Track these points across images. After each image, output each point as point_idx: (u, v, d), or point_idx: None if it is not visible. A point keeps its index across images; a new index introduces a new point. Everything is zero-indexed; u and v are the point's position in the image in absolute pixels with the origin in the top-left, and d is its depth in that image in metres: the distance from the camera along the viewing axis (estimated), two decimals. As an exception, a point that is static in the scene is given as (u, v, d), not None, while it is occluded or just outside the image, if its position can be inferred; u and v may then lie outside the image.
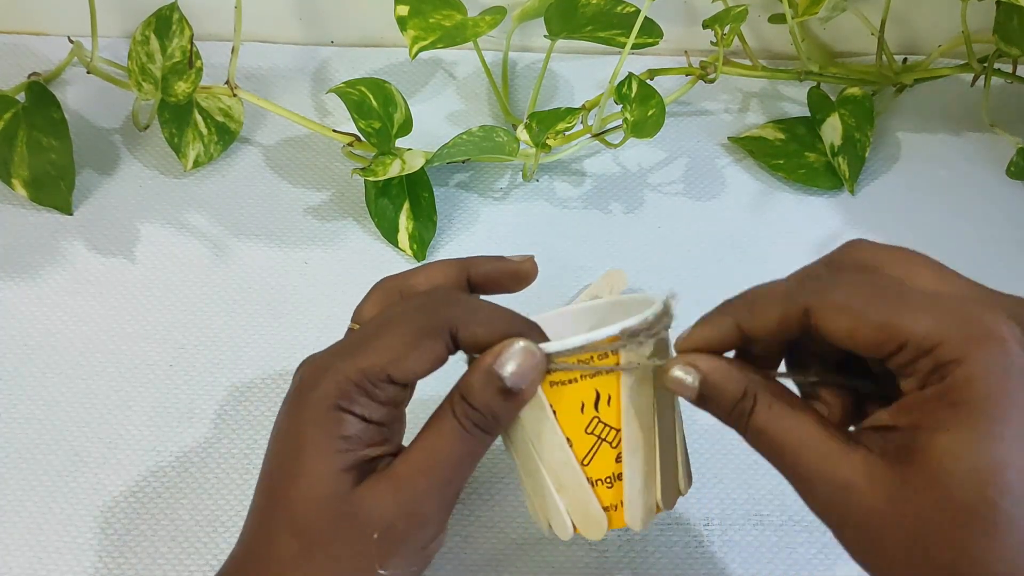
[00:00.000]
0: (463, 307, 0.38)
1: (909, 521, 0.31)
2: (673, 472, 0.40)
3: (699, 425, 0.48)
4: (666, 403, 0.39)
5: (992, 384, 0.31)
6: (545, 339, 0.38)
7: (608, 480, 0.38)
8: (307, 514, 0.36)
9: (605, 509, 0.38)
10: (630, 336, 0.37)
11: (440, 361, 0.37)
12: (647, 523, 0.39)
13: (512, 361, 0.36)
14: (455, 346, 0.37)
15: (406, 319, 0.38)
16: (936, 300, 0.33)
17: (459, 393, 0.37)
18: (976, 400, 0.31)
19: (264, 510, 0.38)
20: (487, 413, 0.37)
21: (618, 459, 0.38)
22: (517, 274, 0.42)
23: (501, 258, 0.42)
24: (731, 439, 0.50)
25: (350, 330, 0.41)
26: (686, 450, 0.41)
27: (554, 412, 0.38)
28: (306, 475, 0.36)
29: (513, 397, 0.37)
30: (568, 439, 0.38)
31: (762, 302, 0.36)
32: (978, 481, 0.31)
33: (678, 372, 0.36)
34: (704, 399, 0.36)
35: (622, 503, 0.38)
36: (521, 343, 0.36)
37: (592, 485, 0.38)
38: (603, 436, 0.38)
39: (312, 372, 0.38)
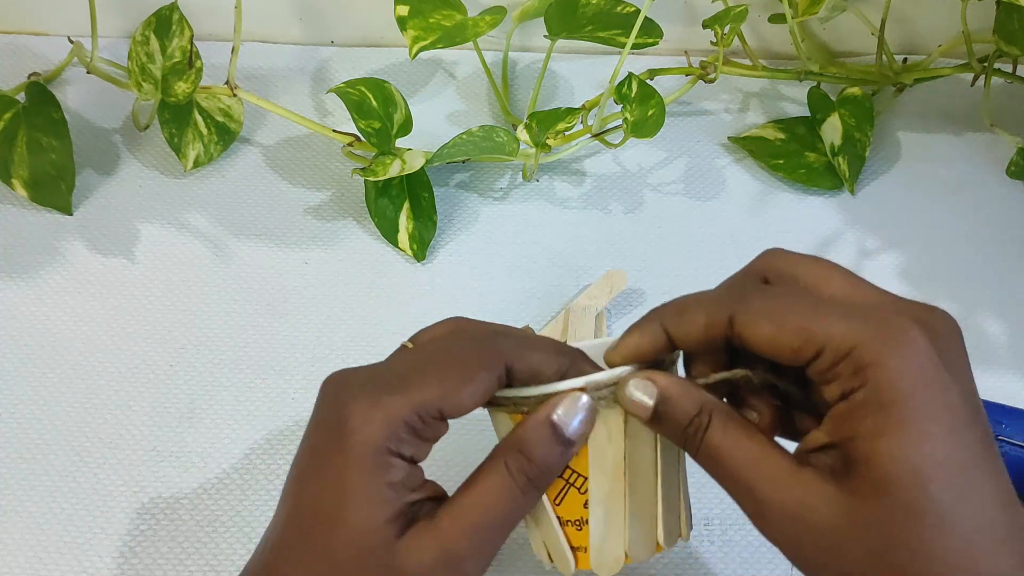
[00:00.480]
0: (514, 339, 0.38)
1: (863, 531, 0.32)
2: (651, 520, 0.38)
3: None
4: (646, 451, 0.38)
5: (912, 382, 0.32)
6: (594, 366, 0.38)
7: (576, 523, 0.38)
8: (349, 564, 0.35)
9: (574, 549, 0.38)
10: (595, 389, 0.36)
11: (491, 395, 0.37)
12: (613, 571, 0.38)
13: (579, 415, 0.36)
14: (508, 379, 0.37)
15: (459, 350, 0.37)
16: (850, 306, 0.34)
17: (515, 447, 0.36)
18: (901, 401, 0.31)
19: (300, 551, 0.36)
20: (544, 467, 0.36)
21: (585, 505, 0.38)
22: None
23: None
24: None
25: (403, 347, 0.40)
26: (686, 496, 0.40)
27: None
28: (350, 524, 0.35)
29: (569, 447, 0.36)
30: None
31: (691, 309, 0.36)
32: (920, 480, 0.31)
33: (635, 387, 0.36)
34: (659, 416, 0.36)
35: (587, 548, 0.38)
36: (578, 393, 0.36)
37: (562, 524, 0.38)
38: (571, 480, 0.38)
39: (359, 407, 0.36)
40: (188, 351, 0.55)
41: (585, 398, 0.36)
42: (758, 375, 0.36)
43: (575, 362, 0.38)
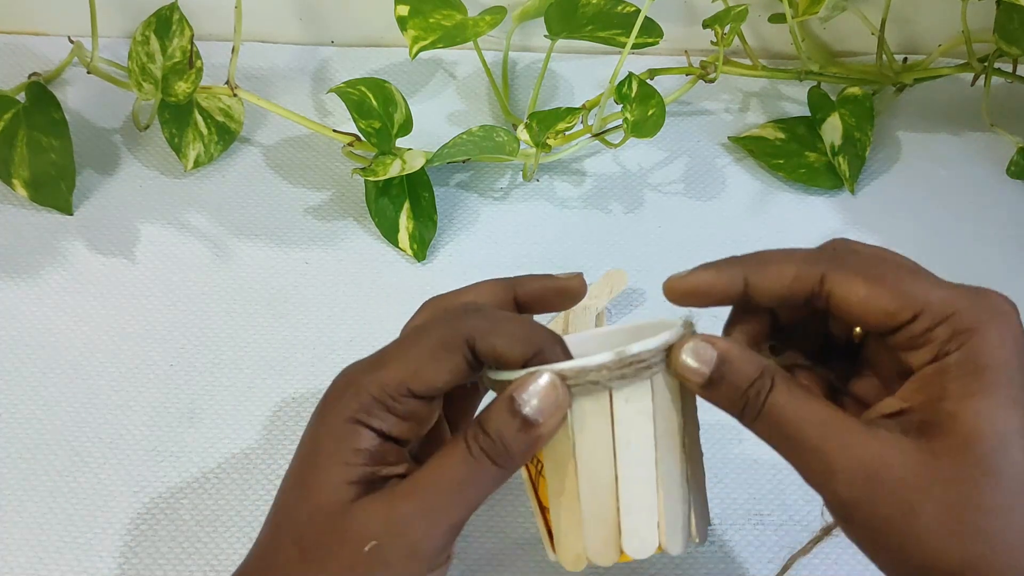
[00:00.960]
0: (484, 319, 0.37)
1: (941, 488, 0.32)
2: (609, 524, 0.37)
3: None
4: (600, 454, 0.36)
5: (1008, 352, 0.32)
6: (568, 355, 0.37)
7: (546, 510, 0.38)
8: (307, 523, 0.36)
9: (550, 535, 0.38)
10: (581, 374, 0.35)
11: (461, 374, 0.36)
12: (576, 567, 0.37)
13: (537, 395, 0.35)
14: (475, 359, 0.36)
15: (427, 331, 0.37)
16: (942, 280, 0.34)
17: (477, 420, 0.36)
18: (995, 367, 0.32)
19: (275, 515, 0.38)
20: (498, 440, 0.35)
21: (551, 493, 0.37)
22: (565, 292, 0.42)
23: (548, 276, 0.42)
24: (731, 439, 0.50)
25: None
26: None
27: None
28: (312, 484, 0.36)
29: (530, 429, 0.35)
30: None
31: (778, 261, 0.36)
32: (1004, 443, 0.31)
33: (692, 350, 0.35)
34: (717, 380, 0.35)
35: (553, 536, 0.38)
36: (547, 377, 0.35)
37: (541, 509, 0.38)
38: (539, 468, 0.37)
39: (337, 385, 0.38)
40: (188, 351, 0.55)
41: (545, 378, 0.35)
42: (793, 356, 0.36)
43: (546, 348, 0.36)
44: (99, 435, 0.52)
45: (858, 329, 0.38)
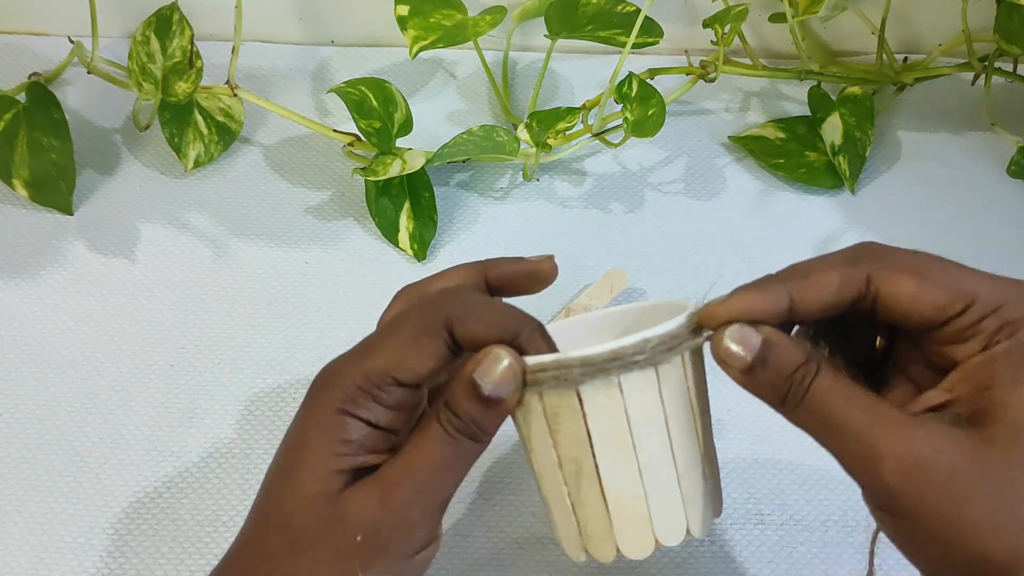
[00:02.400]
0: (462, 303, 0.37)
1: (994, 476, 0.31)
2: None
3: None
4: (577, 451, 0.36)
5: None
6: (547, 339, 0.37)
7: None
8: (295, 513, 0.36)
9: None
10: (581, 364, 0.35)
11: (443, 359, 0.37)
12: (576, 557, 0.38)
13: (491, 370, 0.35)
14: (456, 345, 0.37)
15: (407, 319, 0.38)
16: (987, 273, 0.34)
17: (444, 399, 0.37)
18: None
19: (260, 507, 0.38)
20: (469, 421, 0.36)
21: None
22: (536, 274, 0.42)
23: (519, 259, 0.42)
24: (731, 438, 0.50)
25: None
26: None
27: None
28: (300, 475, 0.36)
29: (494, 406, 0.36)
30: None
31: (819, 271, 0.35)
32: None
33: (735, 334, 0.34)
34: (760, 365, 0.34)
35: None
36: (498, 351, 0.35)
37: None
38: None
39: (322, 376, 0.38)
40: (189, 351, 0.55)
41: (506, 360, 0.35)
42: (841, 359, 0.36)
43: (524, 332, 0.36)
44: (99, 435, 0.52)
45: (880, 340, 0.38)
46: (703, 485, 0.38)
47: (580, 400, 0.35)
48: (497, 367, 0.35)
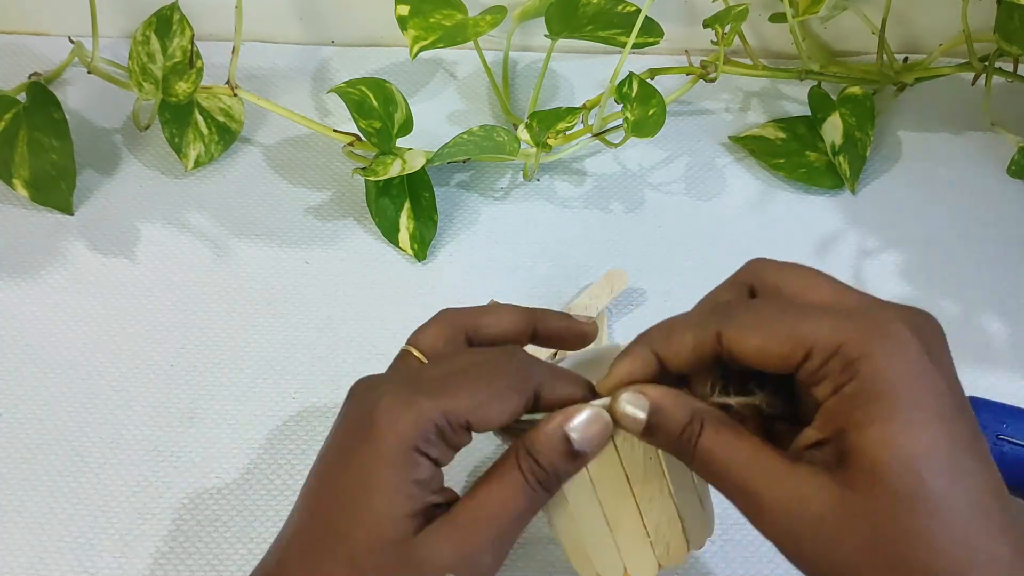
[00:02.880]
0: (547, 370, 0.39)
1: (858, 521, 0.32)
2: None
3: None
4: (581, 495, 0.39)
5: (899, 372, 0.32)
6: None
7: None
8: (368, 552, 0.36)
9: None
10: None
11: (516, 416, 0.38)
12: None
13: (582, 425, 0.37)
14: (535, 405, 0.38)
15: (496, 370, 0.38)
16: (833, 308, 0.35)
17: (526, 449, 0.37)
18: (889, 391, 0.32)
19: (319, 542, 0.37)
20: (551, 472, 0.37)
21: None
22: (583, 336, 0.43)
23: (567, 317, 0.43)
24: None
25: (406, 353, 0.41)
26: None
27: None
28: (373, 516, 0.36)
29: (580, 460, 0.37)
30: None
31: (678, 330, 0.37)
32: (911, 467, 0.31)
33: (628, 402, 0.36)
34: (652, 428, 0.36)
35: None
36: (590, 410, 0.37)
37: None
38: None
39: (390, 406, 0.37)
40: (189, 351, 0.55)
41: (589, 410, 0.37)
42: (763, 398, 0.37)
43: (595, 391, 0.38)
44: (100, 435, 0.52)
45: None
46: (696, 498, 0.40)
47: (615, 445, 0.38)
48: (594, 424, 0.37)
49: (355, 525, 0.36)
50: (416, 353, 0.41)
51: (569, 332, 0.43)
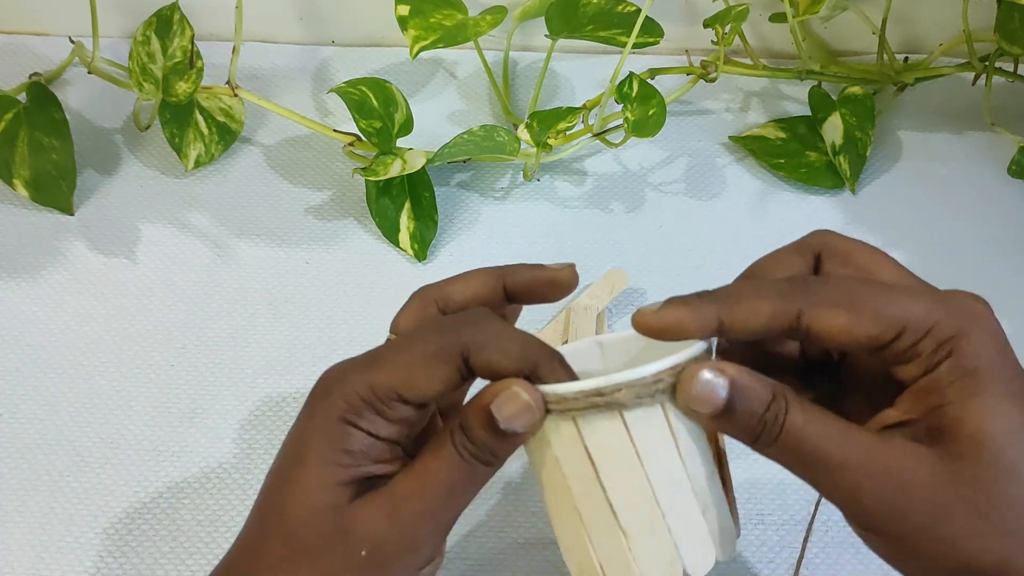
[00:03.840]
0: (481, 330, 0.36)
1: (967, 490, 0.32)
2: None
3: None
4: (559, 490, 0.36)
5: (993, 352, 0.33)
6: (567, 369, 0.36)
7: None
8: (298, 522, 0.36)
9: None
10: (592, 395, 0.34)
11: (452, 384, 0.36)
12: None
13: (508, 405, 0.35)
14: (468, 371, 0.36)
15: (424, 339, 0.37)
16: (917, 290, 0.35)
17: (459, 423, 0.36)
18: (988, 367, 0.33)
19: (259, 514, 0.38)
20: (483, 448, 0.36)
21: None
22: (555, 282, 0.40)
23: (539, 266, 0.40)
24: (730, 438, 0.50)
25: (388, 340, 0.40)
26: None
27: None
28: (303, 483, 0.36)
29: (509, 438, 0.36)
30: None
31: (751, 298, 0.35)
32: (1014, 439, 0.32)
33: (708, 375, 0.34)
34: (731, 409, 0.34)
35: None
36: (516, 387, 0.35)
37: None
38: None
39: (326, 381, 0.37)
40: (189, 351, 0.55)
41: (524, 396, 0.34)
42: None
43: (543, 364, 0.35)
44: (100, 435, 0.52)
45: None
46: (720, 503, 0.37)
47: (625, 424, 0.35)
48: (514, 403, 0.35)
49: (288, 494, 0.36)
50: (392, 337, 0.40)
51: (539, 281, 0.40)
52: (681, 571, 0.36)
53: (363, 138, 0.59)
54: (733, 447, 0.50)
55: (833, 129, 0.62)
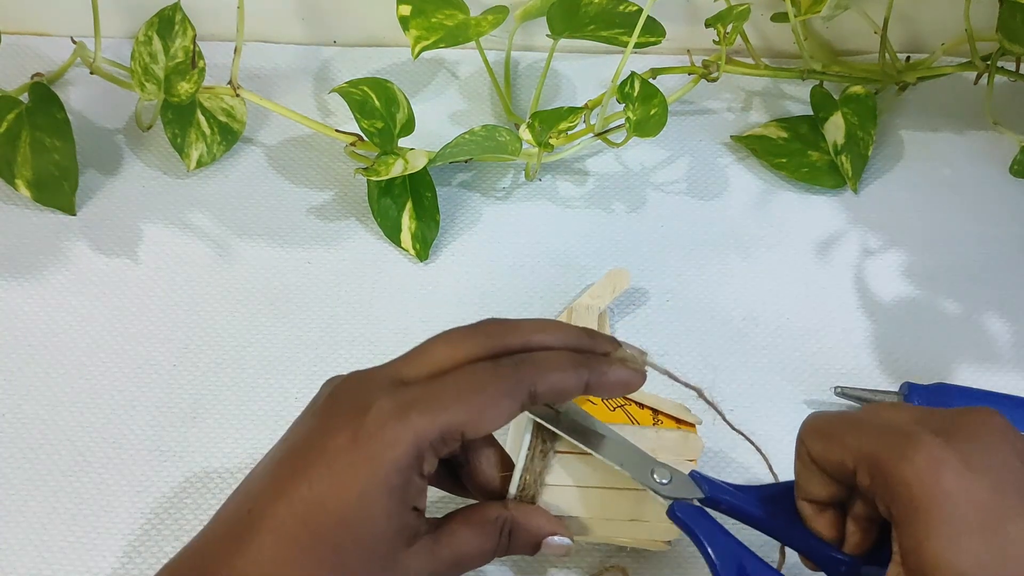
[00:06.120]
0: (535, 364, 0.39)
1: None
2: None
3: (699, 427, 0.48)
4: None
5: (931, 487, 0.32)
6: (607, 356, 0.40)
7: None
8: (357, 566, 0.36)
9: None
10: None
11: (512, 418, 0.38)
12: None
13: (550, 548, 0.41)
14: (532, 403, 0.38)
15: (484, 376, 0.38)
16: (882, 423, 0.36)
17: (511, 527, 0.40)
18: (927, 506, 0.32)
19: (304, 545, 0.36)
20: (517, 553, 0.41)
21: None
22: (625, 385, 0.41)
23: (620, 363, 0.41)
24: (729, 438, 0.50)
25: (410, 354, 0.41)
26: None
27: None
28: (366, 531, 0.36)
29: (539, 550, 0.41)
30: None
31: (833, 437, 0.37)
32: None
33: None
34: None
35: None
36: (566, 545, 0.41)
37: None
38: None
39: (384, 422, 0.36)
40: (191, 351, 0.55)
41: (569, 544, 0.41)
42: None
43: (593, 371, 0.39)
44: (102, 435, 0.52)
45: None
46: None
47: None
48: (561, 549, 0.41)
49: (347, 537, 0.36)
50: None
51: (605, 384, 0.40)
52: None
53: (365, 138, 0.59)
54: (731, 447, 0.50)
55: (835, 129, 0.62)
